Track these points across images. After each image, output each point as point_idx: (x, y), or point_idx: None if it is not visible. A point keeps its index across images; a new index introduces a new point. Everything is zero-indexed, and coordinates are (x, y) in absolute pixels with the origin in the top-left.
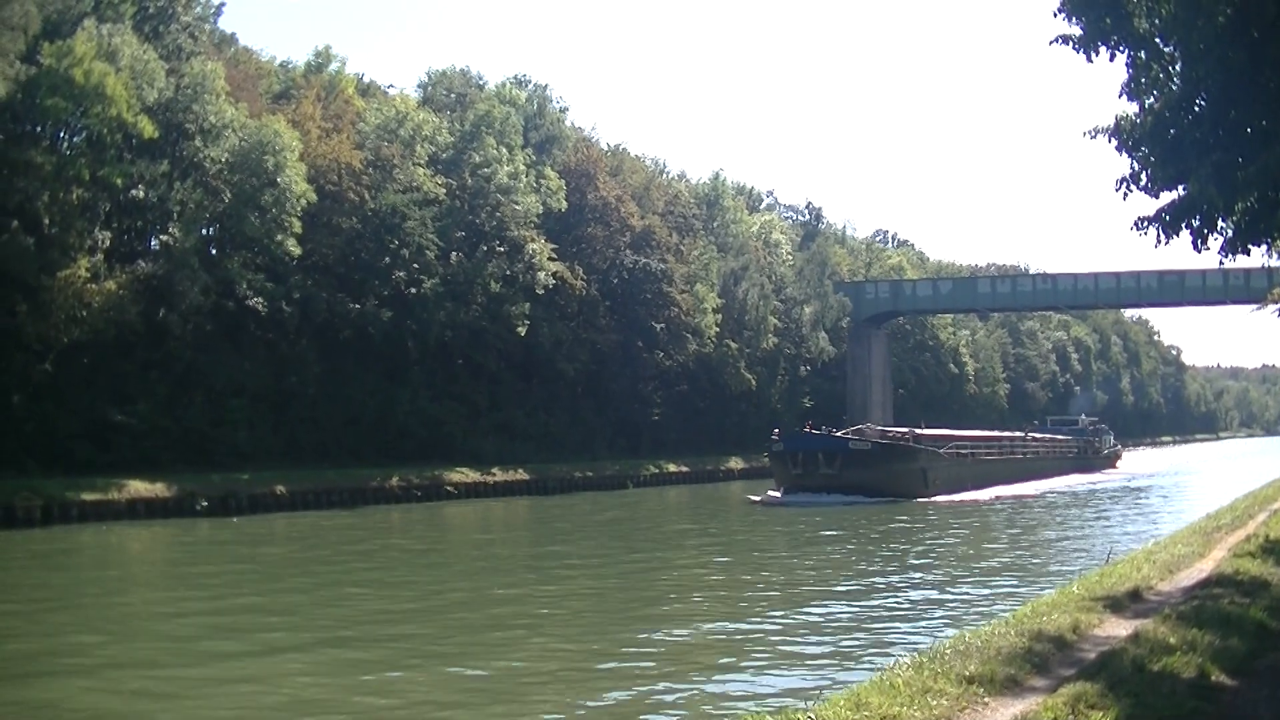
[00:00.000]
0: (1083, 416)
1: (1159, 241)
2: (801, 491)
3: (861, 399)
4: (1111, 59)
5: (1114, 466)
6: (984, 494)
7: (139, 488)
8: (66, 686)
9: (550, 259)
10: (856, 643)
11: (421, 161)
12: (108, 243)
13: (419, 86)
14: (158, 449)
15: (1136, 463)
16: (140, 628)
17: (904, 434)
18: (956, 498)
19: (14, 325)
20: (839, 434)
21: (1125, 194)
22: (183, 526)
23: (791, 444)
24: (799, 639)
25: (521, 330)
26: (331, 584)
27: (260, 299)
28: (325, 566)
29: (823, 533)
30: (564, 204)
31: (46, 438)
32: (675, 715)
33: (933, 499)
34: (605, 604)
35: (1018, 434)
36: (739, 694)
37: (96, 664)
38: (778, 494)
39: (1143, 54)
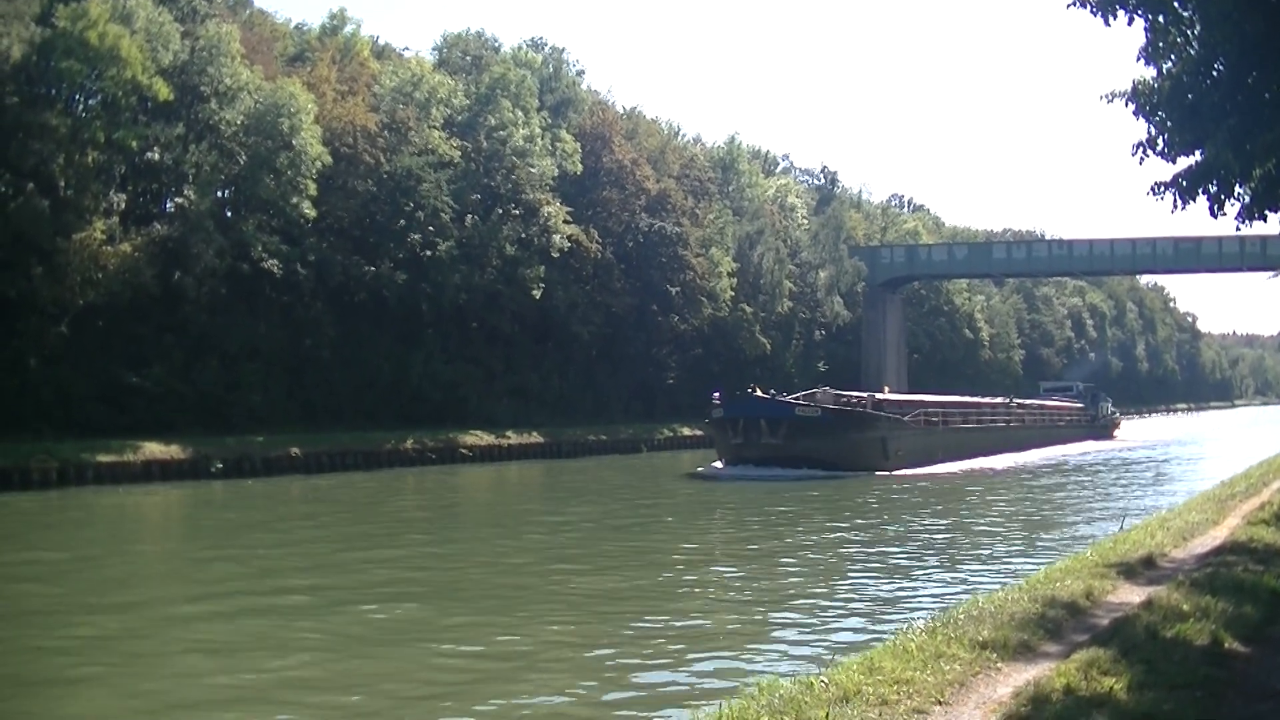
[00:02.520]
0: (1078, 383)
1: (1175, 207)
2: (742, 463)
3: (876, 364)
4: (1130, 22)
5: (1111, 436)
6: (955, 467)
7: (154, 450)
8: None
9: (565, 222)
10: (856, 609)
11: (437, 124)
12: (123, 205)
13: (434, 49)
14: (173, 412)
15: (1139, 431)
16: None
17: (862, 399)
18: (922, 471)
19: (29, 288)
20: (787, 399)
21: (1142, 159)
22: (198, 488)
23: (731, 410)
24: (790, 615)
25: (536, 293)
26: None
27: (275, 262)
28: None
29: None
30: (579, 167)
31: (62, 401)
32: (687, 687)
33: (893, 472)
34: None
35: (1000, 400)
36: (748, 662)
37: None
38: (719, 465)
39: (1161, 18)
